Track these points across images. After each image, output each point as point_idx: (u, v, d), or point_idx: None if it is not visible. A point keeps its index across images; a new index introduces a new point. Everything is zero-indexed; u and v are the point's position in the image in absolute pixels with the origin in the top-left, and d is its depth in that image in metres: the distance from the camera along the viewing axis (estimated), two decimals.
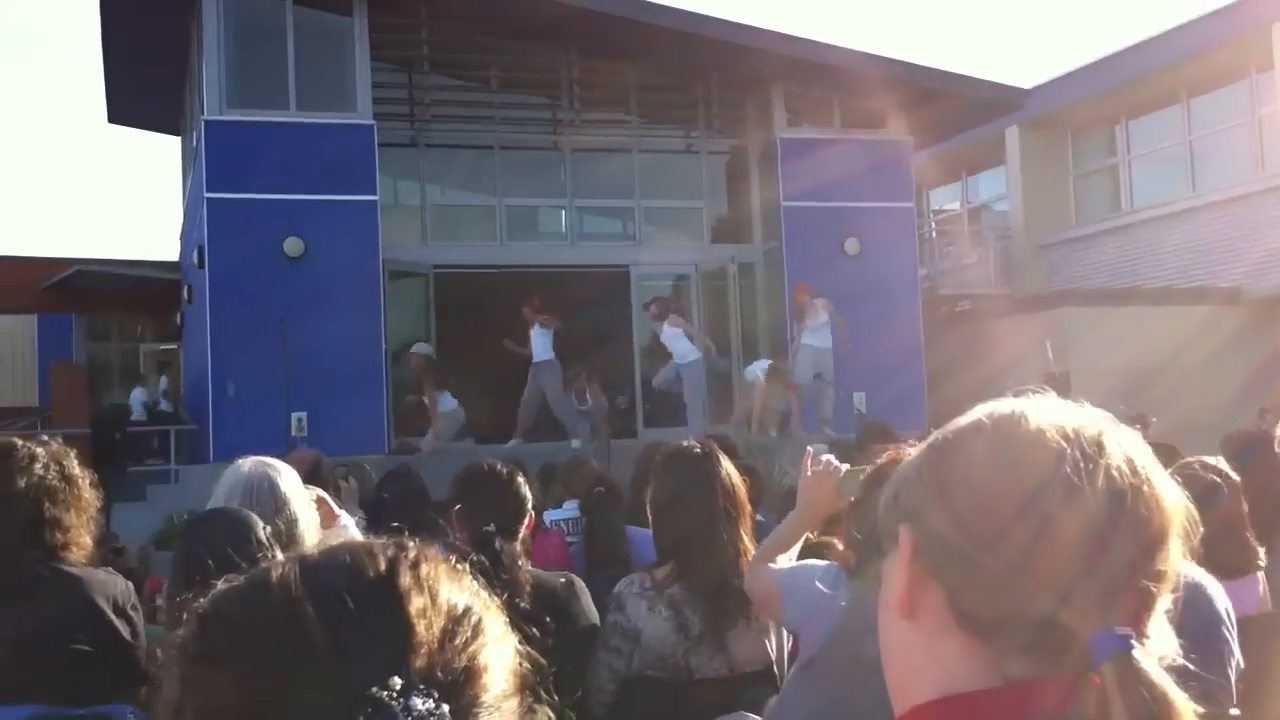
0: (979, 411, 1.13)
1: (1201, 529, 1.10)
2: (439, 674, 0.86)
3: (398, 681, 0.83)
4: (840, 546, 3.06)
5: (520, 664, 0.95)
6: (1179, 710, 0.95)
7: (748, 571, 3.34)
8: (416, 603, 0.89)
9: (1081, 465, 1.04)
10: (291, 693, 0.84)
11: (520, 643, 0.96)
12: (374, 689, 0.82)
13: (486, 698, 0.88)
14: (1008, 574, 1.02)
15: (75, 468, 3.43)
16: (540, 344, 14.70)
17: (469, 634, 0.90)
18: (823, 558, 3.25)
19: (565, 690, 3.15)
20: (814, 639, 2.94)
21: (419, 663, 0.86)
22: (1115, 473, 1.04)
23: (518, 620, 0.99)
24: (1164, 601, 1.04)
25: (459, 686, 0.87)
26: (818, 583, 2.98)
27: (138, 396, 20.55)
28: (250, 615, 0.90)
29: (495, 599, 0.98)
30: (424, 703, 0.83)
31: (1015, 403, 1.12)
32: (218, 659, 0.88)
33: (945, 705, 1.04)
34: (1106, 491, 1.03)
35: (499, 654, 0.92)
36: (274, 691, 0.85)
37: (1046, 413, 1.10)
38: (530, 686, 0.95)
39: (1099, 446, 1.06)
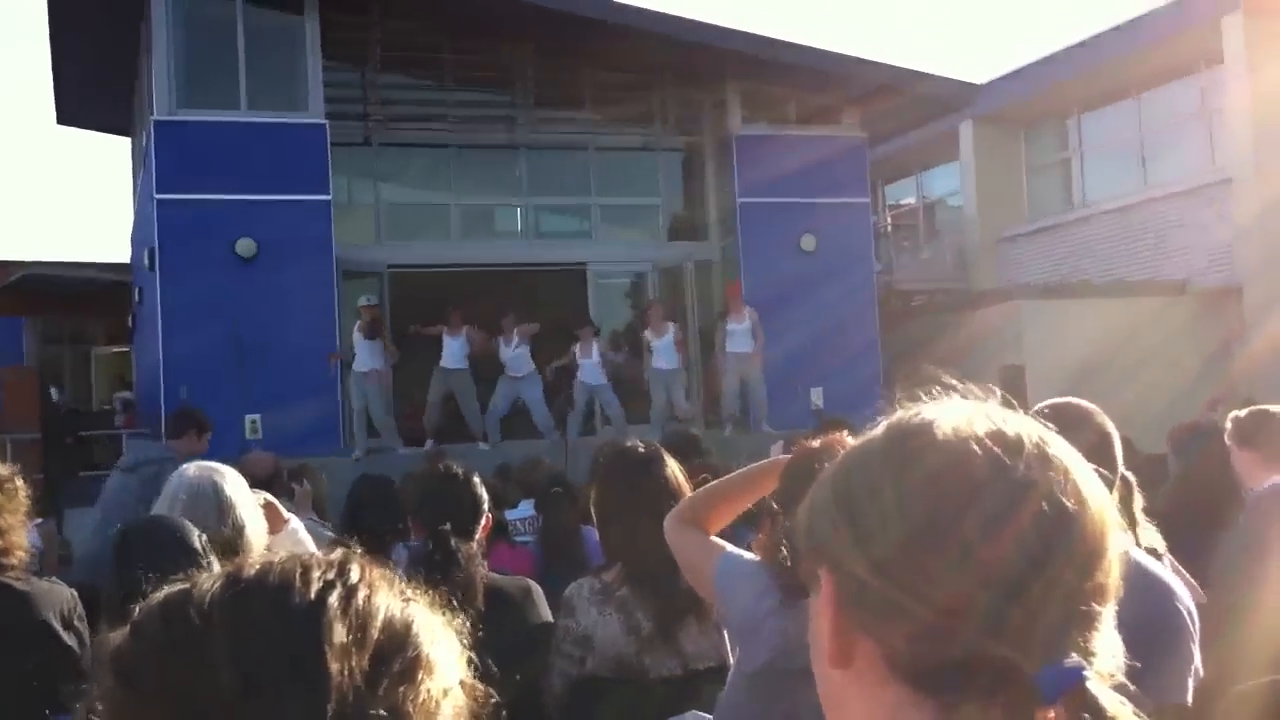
0: (884, 422, 1.04)
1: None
2: None
3: None
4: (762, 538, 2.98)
5: (469, 701, 0.90)
6: None
7: (675, 513, 3.16)
8: (339, 639, 0.84)
9: (998, 478, 0.94)
10: None
11: (474, 672, 0.91)
12: None
13: None
14: (935, 617, 0.92)
15: (2, 469, 3.36)
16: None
17: (396, 677, 0.85)
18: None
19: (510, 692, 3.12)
20: (755, 652, 2.90)
21: (331, 708, 0.81)
22: (1037, 480, 0.95)
23: (468, 627, 0.95)
24: (1109, 613, 0.95)
25: None
26: (753, 591, 2.91)
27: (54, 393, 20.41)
28: (167, 637, 0.86)
29: (450, 618, 0.93)
30: None
31: (920, 410, 1.03)
32: (134, 679, 0.85)
33: None
34: (1031, 505, 0.94)
35: (436, 692, 0.87)
36: None
37: (954, 417, 1.00)
38: (481, 716, 0.91)
39: (1015, 451, 0.96)
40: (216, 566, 0.96)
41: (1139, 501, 3.13)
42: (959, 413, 1.01)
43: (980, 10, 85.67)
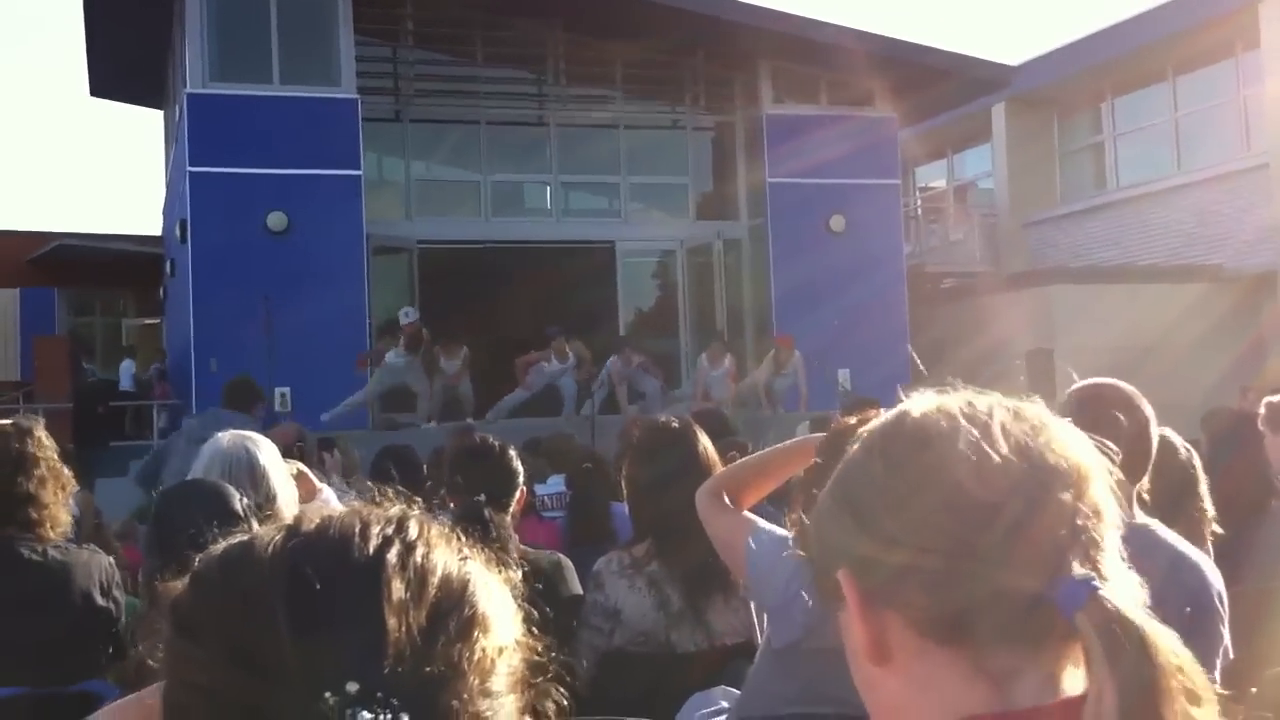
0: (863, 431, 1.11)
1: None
2: (409, 678, 0.81)
3: (354, 687, 0.79)
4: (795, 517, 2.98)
5: (525, 657, 0.90)
6: (1160, 646, 0.91)
7: (707, 487, 3.15)
8: (397, 595, 0.84)
9: (973, 432, 1.00)
10: (257, 685, 0.81)
11: (527, 631, 0.92)
12: (327, 694, 0.79)
13: (469, 703, 0.84)
14: (946, 563, 0.97)
15: (50, 444, 3.41)
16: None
17: (454, 632, 0.85)
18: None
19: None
20: (785, 629, 2.90)
21: (387, 664, 0.81)
22: (1010, 428, 1.00)
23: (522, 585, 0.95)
24: (1113, 540, 0.99)
25: (434, 690, 0.82)
26: (786, 567, 2.90)
27: (126, 369, 20.49)
28: (226, 587, 0.87)
29: (506, 576, 0.93)
30: (375, 716, 0.79)
31: (895, 409, 1.09)
32: (192, 628, 0.86)
33: None
34: (1006, 447, 0.99)
35: (492, 650, 0.87)
36: (241, 680, 0.82)
37: (929, 399, 1.07)
38: (537, 676, 0.91)
39: (987, 414, 1.02)
40: (274, 525, 0.97)
41: (1144, 483, 3.10)
42: (935, 396, 1.07)
43: None
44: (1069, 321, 16.84)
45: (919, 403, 1.07)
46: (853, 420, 2.81)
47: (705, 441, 3.65)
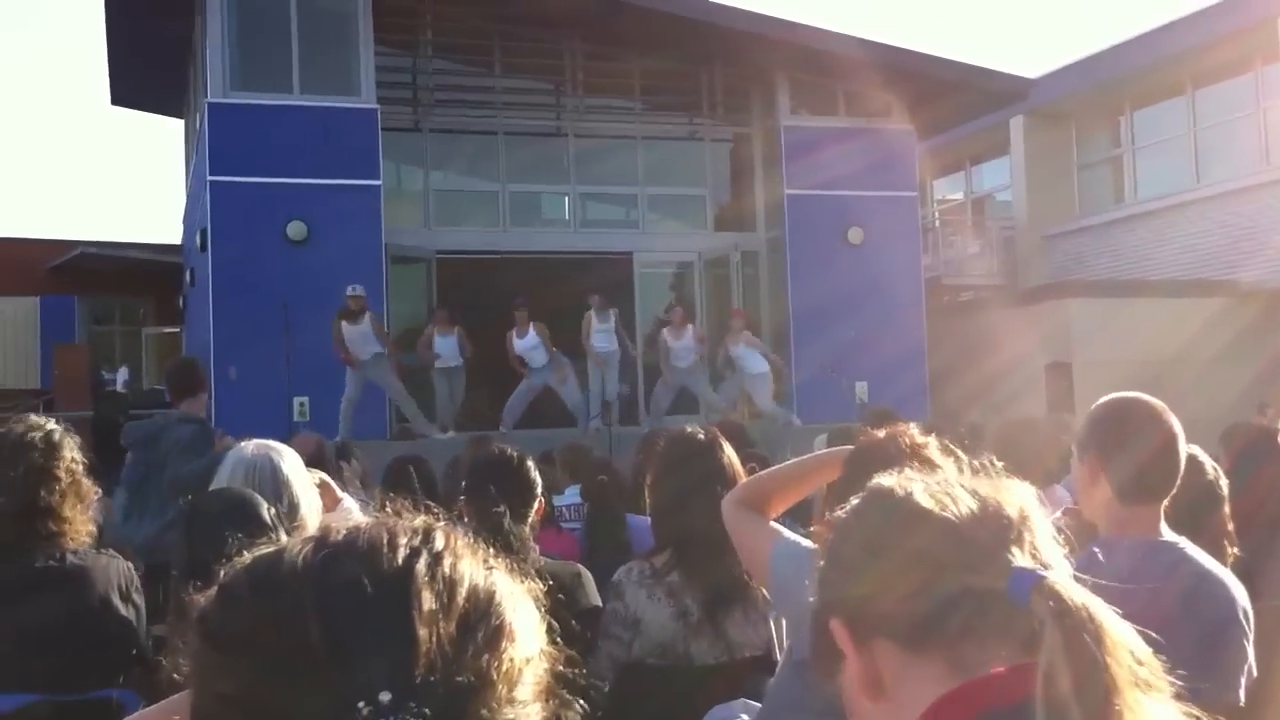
0: None
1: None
2: (440, 688, 0.82)
3: (386, 696, 0.80)
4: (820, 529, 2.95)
5: (549, 668, 0.91)
6: (1103, 616, 1.01)
7: (734, 495, 3.10)
8: (427, 606, 0.84)
9: (934, 483, 1.20)
10: (288, 695, 0.82)
11: (551, 641, 0.93)
12: (360, 703, 0.79)
13: (498, 711, 0.85)
14: (918, 574, 1.13)
15: (76, 455, 3.40)
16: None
17: (482, 642, 0.86)
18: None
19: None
20: (806, 643, 2.88)
21: (419, 674, 0.82)
22: (962, 480, 1.21)
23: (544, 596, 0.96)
24: (1059, 558, 1.15)
25: (464, 699, 0.83)
26: (809, 578, 2.88)
27: (121, 375, 20.63)
28: (256, 598, 0.87)
29: (530, 584, 0.94)
30: None
31: (864, 490, 1.27)
32: (221, 639, 0.86)
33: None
34: (962, 489, 1.18)
35: (519, 660, 0.88)
36: (273, 691, 0.83)
37: (889, 477, 1.25)
38: (560, 687, 0.92)
39: (943, 475, 1.23)
40: (285, 539, 0.97)
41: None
42: (896, 473, 1.26)
43: (1033, 4, 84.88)
44: (1087, 336, 16.79)
45: (883, 478, 1.25)
46: (880, 434, 2.81)
47: (730, 453, 3.64)
